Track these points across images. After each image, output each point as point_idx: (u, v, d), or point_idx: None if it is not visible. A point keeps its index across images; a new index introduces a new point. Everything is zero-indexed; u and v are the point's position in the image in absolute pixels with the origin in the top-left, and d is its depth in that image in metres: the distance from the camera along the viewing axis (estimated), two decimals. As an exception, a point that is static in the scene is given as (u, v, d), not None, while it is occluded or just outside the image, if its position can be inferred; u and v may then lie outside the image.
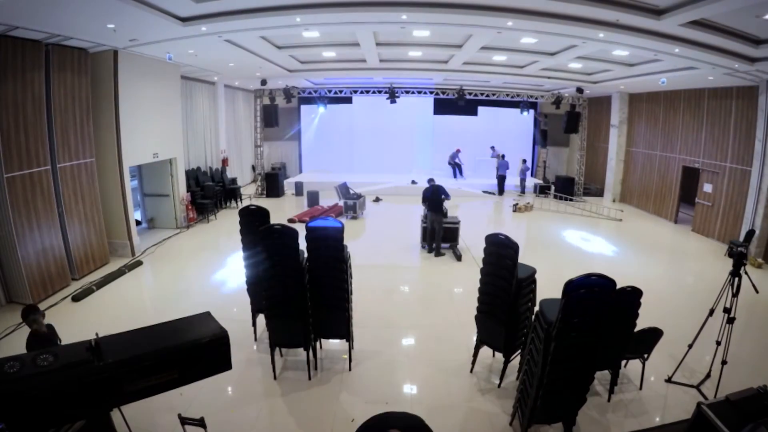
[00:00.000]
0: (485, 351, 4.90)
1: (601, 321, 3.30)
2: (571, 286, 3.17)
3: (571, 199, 14.73)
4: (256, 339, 5.49)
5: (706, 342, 4.66)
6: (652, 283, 6.99)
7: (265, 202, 11.98)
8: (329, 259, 4.54)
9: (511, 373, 4.70)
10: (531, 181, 16.46)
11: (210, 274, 7.85)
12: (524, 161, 16.10)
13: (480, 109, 17.53)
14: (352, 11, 6.16)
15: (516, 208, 13.23)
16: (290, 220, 11.03)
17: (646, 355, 4.58)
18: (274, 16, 6.26)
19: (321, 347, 5.24)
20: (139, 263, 8.20)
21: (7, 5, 4.95)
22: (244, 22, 6.40)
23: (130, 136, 8.40)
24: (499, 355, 4.79)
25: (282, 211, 12.48)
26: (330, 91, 15.31)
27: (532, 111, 16.96)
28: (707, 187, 10.81)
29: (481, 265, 4.57)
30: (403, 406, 4.33)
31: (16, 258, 6.19)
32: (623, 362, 4.66)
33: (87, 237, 7.60)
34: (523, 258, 4.34)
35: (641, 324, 4.27)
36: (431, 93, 15.47)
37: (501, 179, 15.66)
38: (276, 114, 14.53)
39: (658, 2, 5.47)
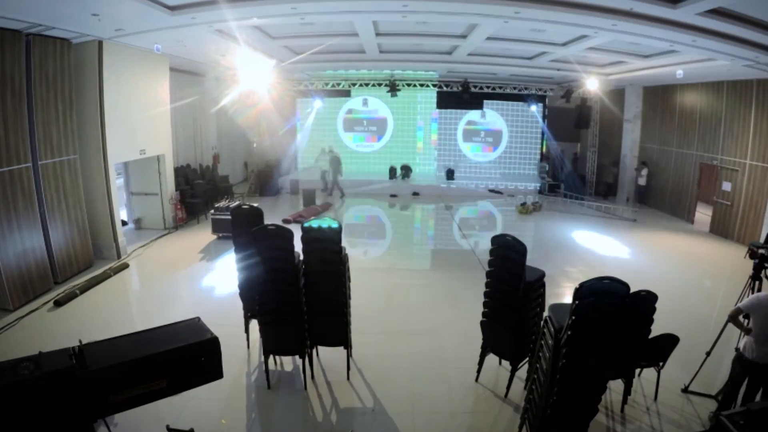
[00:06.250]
0: (491, 358, 4.90)
1: (614, 327, 3.29)
2: (582, 290, 3.16)
3: (582, 198, 14.73)
4: (249, 346, 5.48)
5: (724, 349, 4.66)
6: (668, 287, 6.98)
7: (258, 202, 11.99)
8: (326, 262, 4.53)
9: (519, 381, 4.70)
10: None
11: (200, 278, 7.85)
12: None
13: (486, 103, 17.58)
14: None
15: (524, 208, 13.19)
16: (285, 221, 11.03)
17: (661, 363, 4.58)
18: (268, 4, 6.26)
19: (317, 355, 5.24)
20: (125, 266, 8.20)
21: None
22: (236, 11, 6.40)
23: (115, 132, 8.39)
24: (506, 363, 4.79)
25: (277, 210, 12.48)
26: (327, 84, 15.31)
27: (541, 105, 16.98)
28: (726, 186, 10.81)
29: (487, 268, 4.57)
30: (405, 416, 4.33)
31: (-5, 260, 6.19)
32: (637, 371, 4.66)
33: (70, 238, 7.59)
34: (531, 260, 4.33)
35: (656, 330, 4.26)
36: (434, 86, 15.47)
37: None
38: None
39: (674, -10, 5.47)
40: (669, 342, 4.44)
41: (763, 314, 3.73)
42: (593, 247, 10.21)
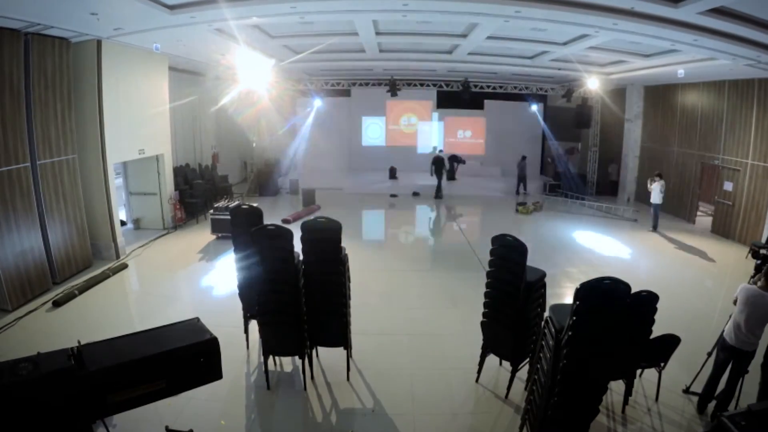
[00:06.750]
0: (492, 359, 4.90)
1: (615, 327, 3.29)
2: (583, 291, 3.16)
3: (582, 198, 14.73)
4: (248, 347, 5.48)
5: (726, 350, 4.64)
6: (670, 287, 6.98)
7: (258, 201, 11.99)
8: (326, 262, 4.53)
9: (519, 382, 4.70)
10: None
11: (199, 278, 7.85)
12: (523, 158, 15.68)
13: (486, 102, 17.68)
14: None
15: (525, 208, 13.17)
16: (285, 221, 11.03)
17: (662, 364, 4.58)
18: (268, 3, 6.26)
19: (317, 355, 5.24)
20: (124, 266, 8.20)
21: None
22: (235, 11, 6.40)
23: (114, 132, 8.39)
24: (506, 364, 4.79)
25: (276, 210, 12.48)
26: (327, 83, 15.31)
27: (541, 104, 17.01)
28: (727, 186, 10.81)
29: (488, 268, 4.57)
30: (405, 417, 4.33)
31: (-7, 261, 6.18)
32: (638, 371, 4.66)
33: (69, 238, 7.59)
34: (531, 260, 4.33)
35: (657, 330, 4.27)
36: (434, 85, 15.47)
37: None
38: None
39: (676, -11, 5.48)
40: (670, 342, 4.44)
41: (743, 301, 4.04)
42: (594, 247, 10.22)
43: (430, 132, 18.66)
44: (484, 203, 14.65)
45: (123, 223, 10.03)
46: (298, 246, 4.47)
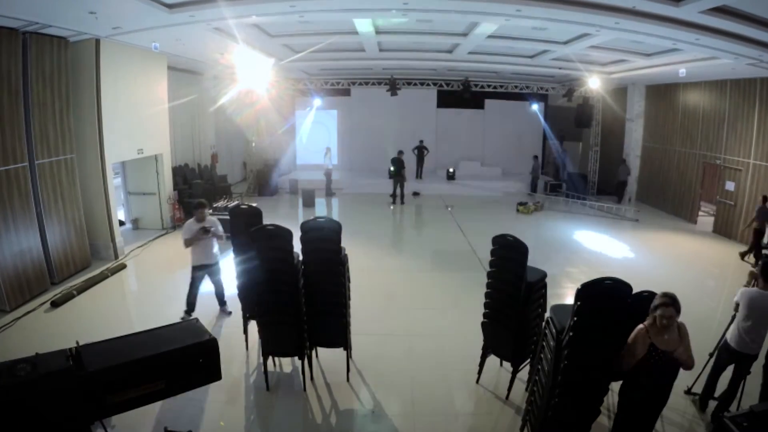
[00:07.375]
0: (492, 360, 4.90)
1: (616, 328, 3.29)
2: (584, 291, 3.16)
3: (583, 198, 14.74)
4: (247, 347, 5.48)
5: (728, 350, 4.63)
6: (671, 288, 6.88)
7: (257, 201, 11.99)
8: (326, 262, 4.53)
9: (520, 383, 4.70)
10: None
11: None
12: (535, 158, 16.23)
13: (487, 102, 17.71)
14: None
15: (525, 208, 13.17)
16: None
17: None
18: (267, 2, 6.27)
19: (317, 356, 5.24)
20: (122, 266, 8.20)
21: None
22: (234, 9, 6.40)
23: (113, 131, 8.39)
24: (507, 365, 4.79)
25: (275, 210, 12.48)
26: (326, 83, 15.32)
27: (542, 104, 17.03)
28: (729, 186, 10.81)
29: (488, 268, 4.57)
30: (405, 419, 4.33)
31: (-9, 261, 6.18)
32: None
33: (67, 238, 7.59)
34: (532, 260, 4.33)
35: (659, 331, 4.26)
36: (435, 84, 15.48)
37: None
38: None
39: (677, -13, 5.48)
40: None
41: (746, 306, 4.07)
42: (595, 247, 10.22)
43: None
44: (484, 203, 14.65)
45: (121, 223, 10.02)
46: (297, 246, 4.47)
